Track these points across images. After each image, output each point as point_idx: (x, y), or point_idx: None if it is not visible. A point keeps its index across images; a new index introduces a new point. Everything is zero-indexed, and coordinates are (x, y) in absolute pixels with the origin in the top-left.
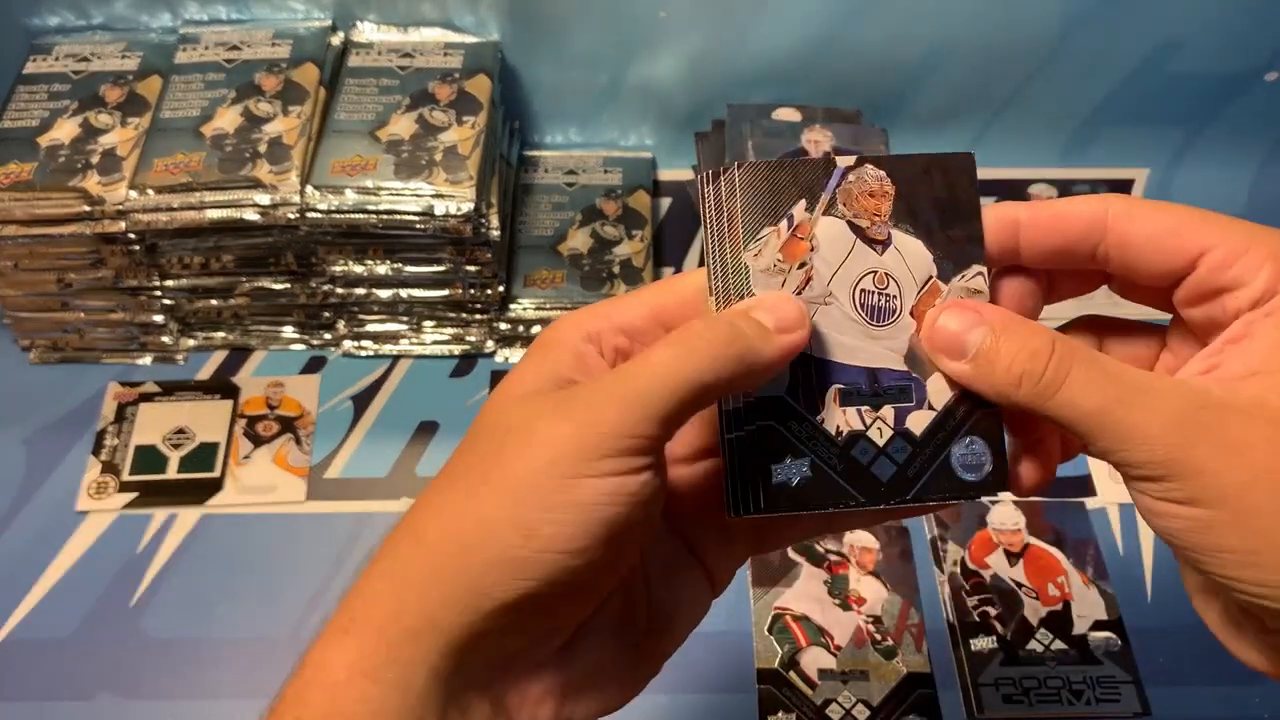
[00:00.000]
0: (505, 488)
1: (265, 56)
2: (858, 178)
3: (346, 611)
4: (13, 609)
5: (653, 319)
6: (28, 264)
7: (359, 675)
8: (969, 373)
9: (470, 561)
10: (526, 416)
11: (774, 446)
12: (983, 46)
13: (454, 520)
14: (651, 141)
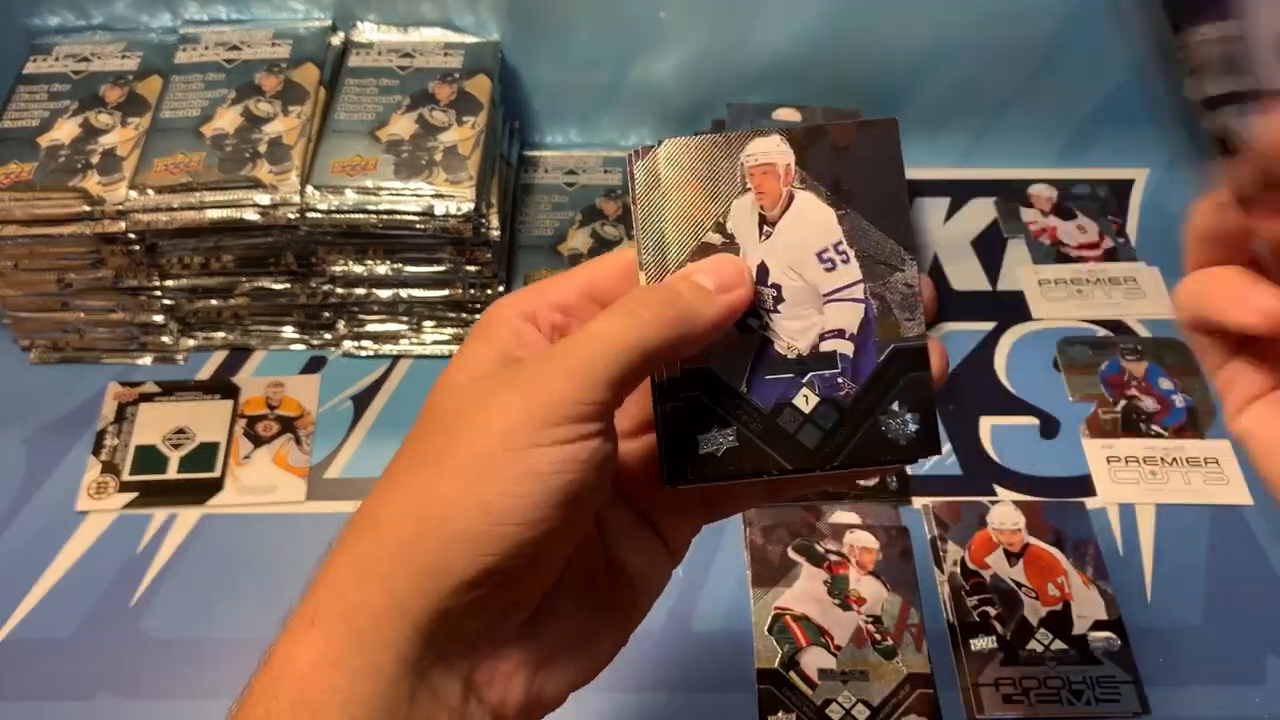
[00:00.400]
0: (459, 465)
1: (265, 56)
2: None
3: (310, 603)
4: (13, 609)
5: (585, 294)
6: (28, 264)
7: (326, 665)
8: None
9: (430, 542)
10: (476, 395)
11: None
12: (983, 46)
13: (411, 503)
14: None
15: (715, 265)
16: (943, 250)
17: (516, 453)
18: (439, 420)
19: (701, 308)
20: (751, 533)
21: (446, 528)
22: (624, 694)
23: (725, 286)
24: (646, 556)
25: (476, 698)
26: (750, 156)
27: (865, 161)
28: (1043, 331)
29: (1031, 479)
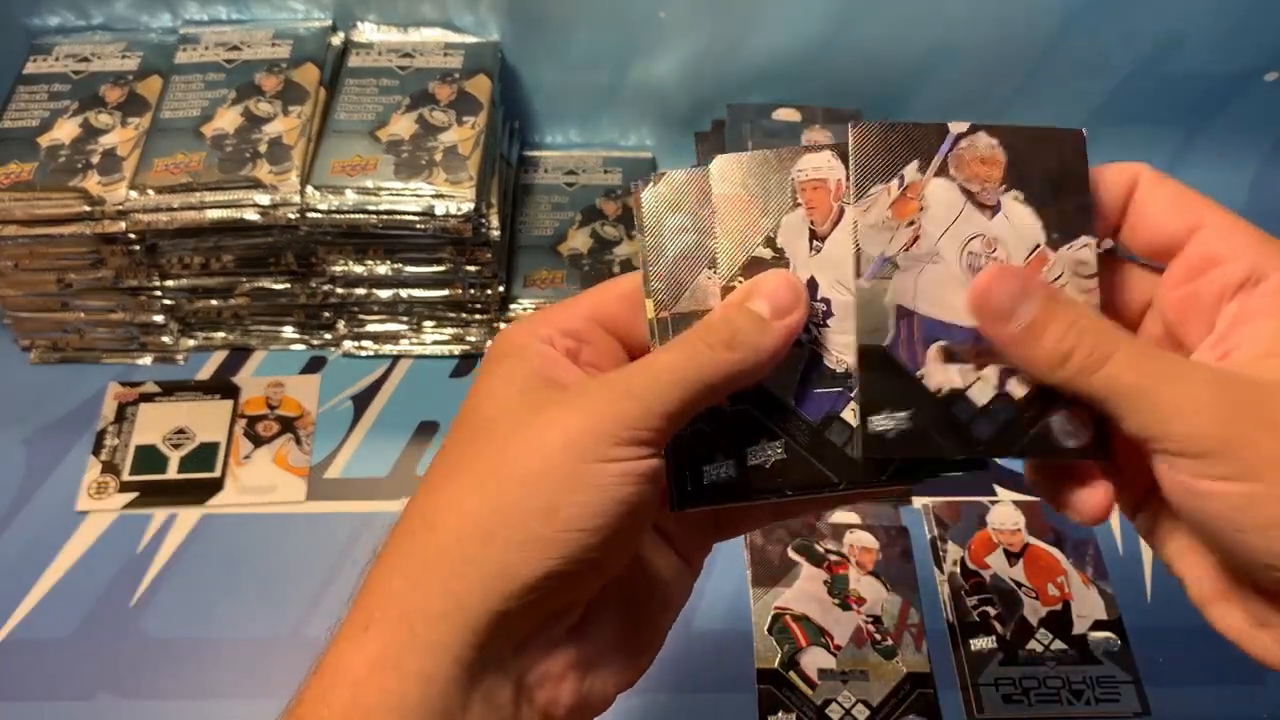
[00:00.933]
0: (522, 473)
1: (265, 57)
2: (970, 144)
3: (363, 610)
4: (13, 609)
5: (592, 320)
6: (28, 264)
7: (380, 668)
8: (1013, 340)
9: (496, 544)
10: (532, 407)
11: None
12: (983, 46)
13: (471, 509)
14: (651, 141)
15: (773, 288)
16: None
17: (579, 464)
18: (491, 429)
19: (760, 340)
20: (751, 533)
21: (513, 531)
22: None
23: (782, 311)
24: (673, 570)
25: (527, 700)
26: (801, 172)
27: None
28: None
29: None
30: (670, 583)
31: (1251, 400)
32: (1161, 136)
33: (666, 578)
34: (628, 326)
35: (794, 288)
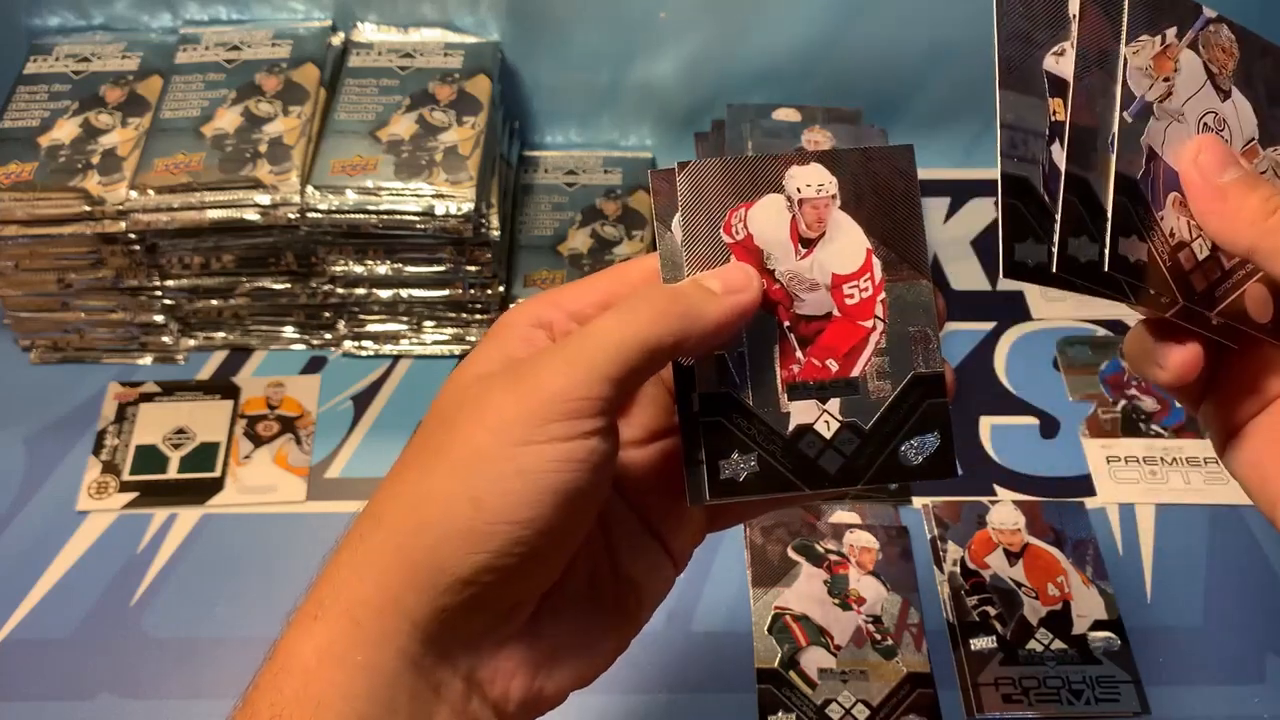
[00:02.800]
0: (454, 461)
1: (265, 57)
2: (1216, 30)
3: (314, 598)
4: (13, 609)
5: (602, 305)
6: (28, 264)
7: (329, 659)
8: (1215, 197)
9: (425, 538)
10: (476, 392)
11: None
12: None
13: (408, 499)
14: (651, 141)
15: (723, 270)
16: (943, 250)
17: (510, 448)
18: (440, 418)
19: (705, 307)
20: (751, 533)
21: (441, 524)
22: (624, 694)
23: (732, 289)
24: (650, 564)
25: (478, 695)
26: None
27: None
28: (1042, 331)
29: (1031, 479)
30: (647, 580)
31: None
32: None
33: (644, 574)
34: None
35: (746, 272)
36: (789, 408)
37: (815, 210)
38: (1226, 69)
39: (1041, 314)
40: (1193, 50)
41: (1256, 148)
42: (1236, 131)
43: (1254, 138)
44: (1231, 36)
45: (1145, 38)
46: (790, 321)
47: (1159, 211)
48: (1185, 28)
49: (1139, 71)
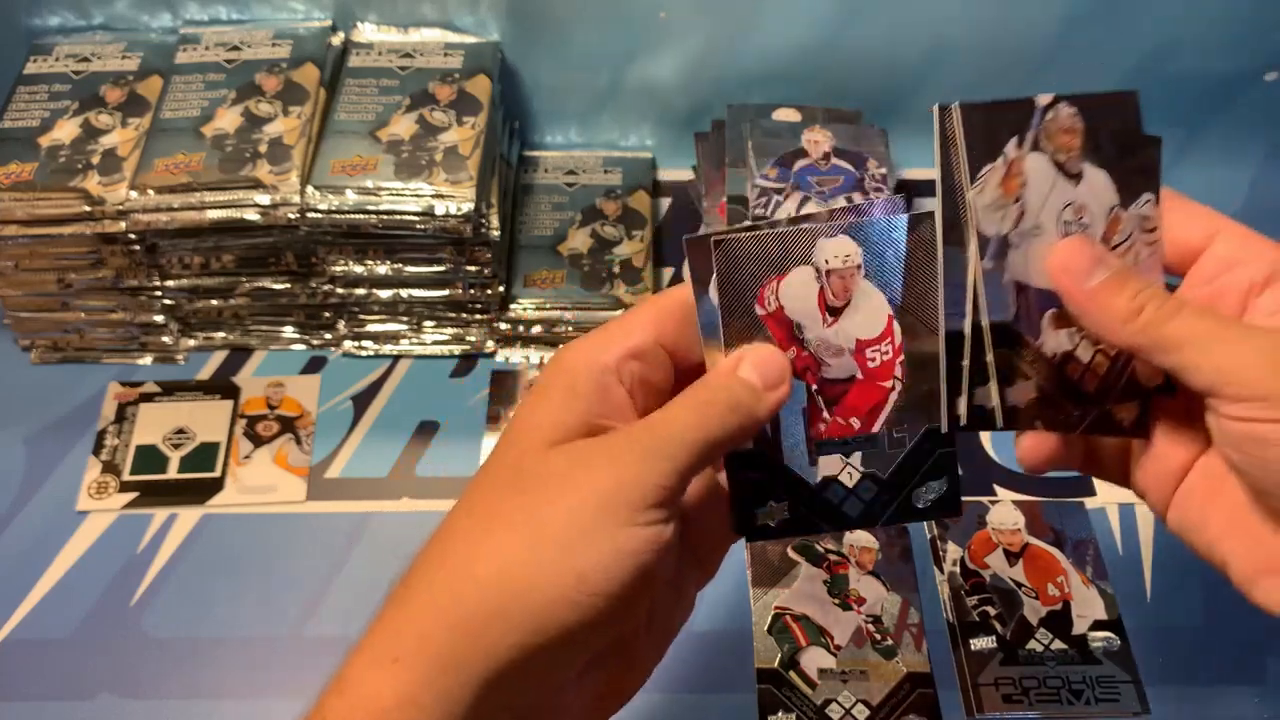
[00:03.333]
0: (559, 535)
1: (265, 57)
2: (1055, 115)
3: (394, 641)
4: (13, 609)
5: (656, 340)
6: (28, 264)
7: (408, 704)
8: (1087, 301)
9: (528, 601)
10: (569, 466)
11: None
12: (982, 46)
13: (511, 562)
14: (651, 142)
15: (762, 363)
16: None
17: (613, 529)
18: (531, 482)
19: (755, 407)
20: None
21: (545, 591)
22: None
23: (771, 385)
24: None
25: None
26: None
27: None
28: None
29: (1031, 479)
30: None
31: None
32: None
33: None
34: (679, 342)
35: (780, 364)
36: (817, 462)
37: (842, 280)
38: (1074, 149)
39: None
40: (1036, 151)
41: (1119, 214)
42: (1098, 211)
43: (1114, 205)
44: (1071, 111)
45: (987, 168)
46: (818, 385)
47: (1038, 339)
48: (1024, 131)
49: (989, 210)
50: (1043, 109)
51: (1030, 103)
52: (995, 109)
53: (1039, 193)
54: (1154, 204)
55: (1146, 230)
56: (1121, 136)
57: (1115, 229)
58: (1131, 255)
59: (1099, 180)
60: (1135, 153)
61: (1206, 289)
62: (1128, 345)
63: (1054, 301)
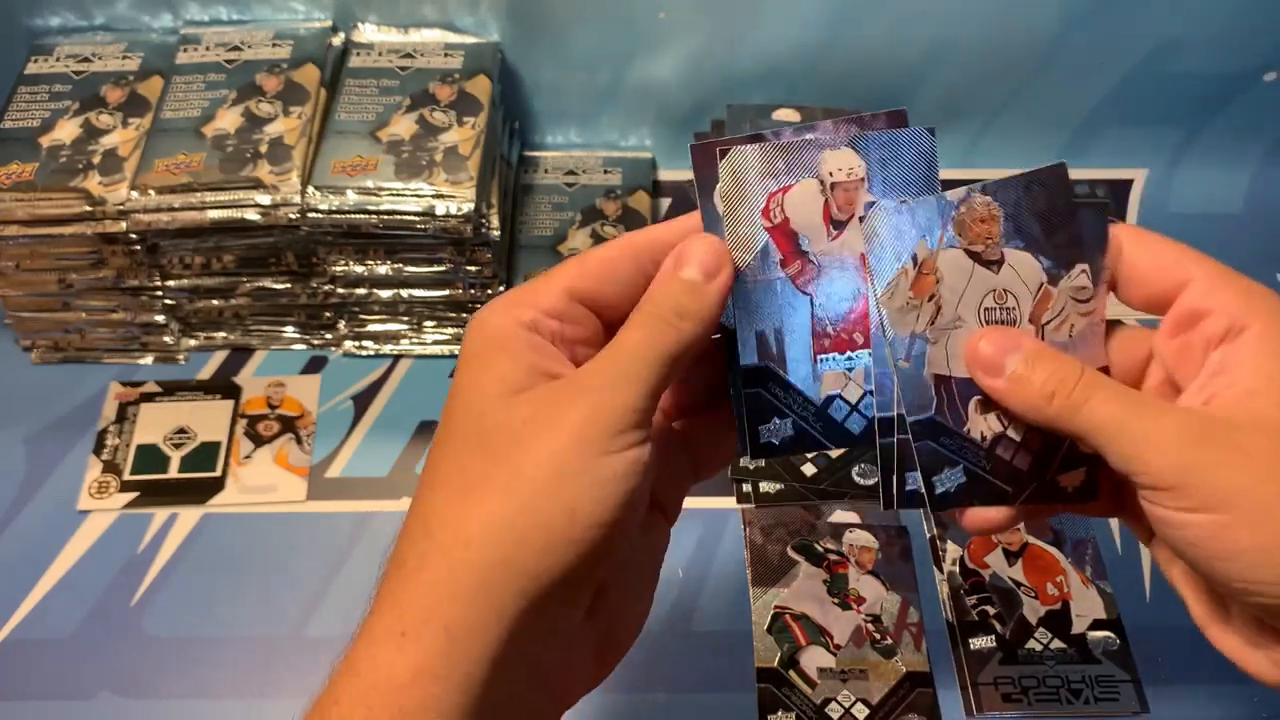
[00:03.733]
0: (542, 477)
1: (266, 57)
2: (968, 207)
3: (399, 616)
4: (14, 609)
5: (570, 299)
6: (29, 264)
7: (424, 676)
8: (1004, 389)
9: (526, 549)
10: (536, 408)
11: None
12: (982, 46)
13: (500, 515)
14: (651, 142)
15: (700, 255)
16: None
17: (593, 460)
18: (501, 434)
19: (701, 305)
20: (751, 532)
21: (540, 536)
22: (624, 694)
23: (712, 273)
24: (650, 522)
25: (539, 686)
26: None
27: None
28: None
29: None
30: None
31: (1218, 436)
32: (1161, 136)
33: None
34: (607, 302)
35: (717, 249)
36: (820, 377)
37: (846, 193)
38: (993, 236)
39: None
40: (950, 246)
41: (1048, 290)
42: (1023, 291)
43: (1042, 282)
44: (986, 199)
45: (895, 271)
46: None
47: (964, 427)
48: (934, 229)
49: (900, 313)
50: (953, 205)
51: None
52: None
53: (956, 285)
54: (1087, 274)
55: (1080, 301)
56: (1048, 213)
57: (1045, 305)
58: (1064, 330)
59: (1023, 259)
60: (1065, 225)
61: (1175, 343)
62: (1049, 427)
63: (978, 388)
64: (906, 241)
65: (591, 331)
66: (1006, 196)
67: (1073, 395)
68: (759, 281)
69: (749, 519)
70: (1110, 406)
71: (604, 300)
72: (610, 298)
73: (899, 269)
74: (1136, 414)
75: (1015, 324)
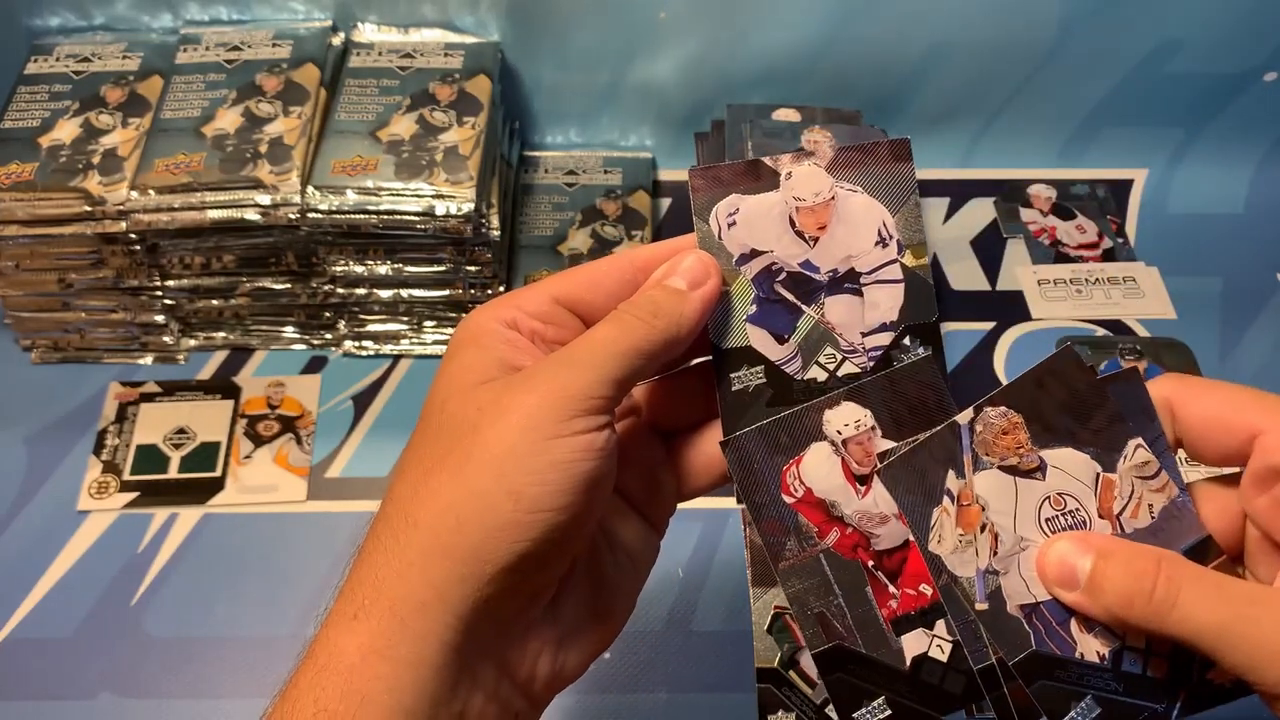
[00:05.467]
0: (488, 460)
1: (266, 57)
2: (984, 425)
3: (351, 600)
4: (14, 609)
5: (556, 302)
6: (29, 264)
7: (372, 655)
8: (1083, 601)
9: (468, 533)
10: (494, 395)
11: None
12: (982, 47)
13: (448, 499)
14: (651, 142)
15: (688, 265)
16: (942, 250)
17: (542, 443)
18: (458, 421)
19: (680, 309)
20: (751, 533)
21: (483, 519)
22: (624, 694)
23: (697, 283)
24: (638, 533)
25: (508, 678)
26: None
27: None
28: (1042, 331)
29: None
30: (637, 549)
31: None
32: (1161, 136)
33: (633, 544)
34: (591, 308)
35: (707, 264)
36: (899, 643)
37: (861, 447)
38: (1023, 445)
39: (1041, 314)
40: (981, 469)
41: (1108, 478)
42: (1079, 488)
43: (1097, 472)
44: (1000, 411)
45: (935, 513)
46: (873, 560)
47: (1075, 651)
48: (956, 457)
49: (956, 555)
50: (966, 426)
51: (953, 427)
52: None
53: (1003, 509)
54: (1145, 448)
55: (1148, 478)
56: (1073, 402)
57: (1110, 495)
58: (1144, 514)
59: (1065, 456)
60: (1098, 407)
61: (1263, 500)
62: (1143, 632)
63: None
64: (933, 479)
65: (573, 334)
66: (1021, 400)
67: (1155, 596)
68: (801, 562)
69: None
70: (1204, 608)
71: (588, 305)
72: (595, 304)
73: (938, 510)
74: (1237, 615)
75: (1086, 525)
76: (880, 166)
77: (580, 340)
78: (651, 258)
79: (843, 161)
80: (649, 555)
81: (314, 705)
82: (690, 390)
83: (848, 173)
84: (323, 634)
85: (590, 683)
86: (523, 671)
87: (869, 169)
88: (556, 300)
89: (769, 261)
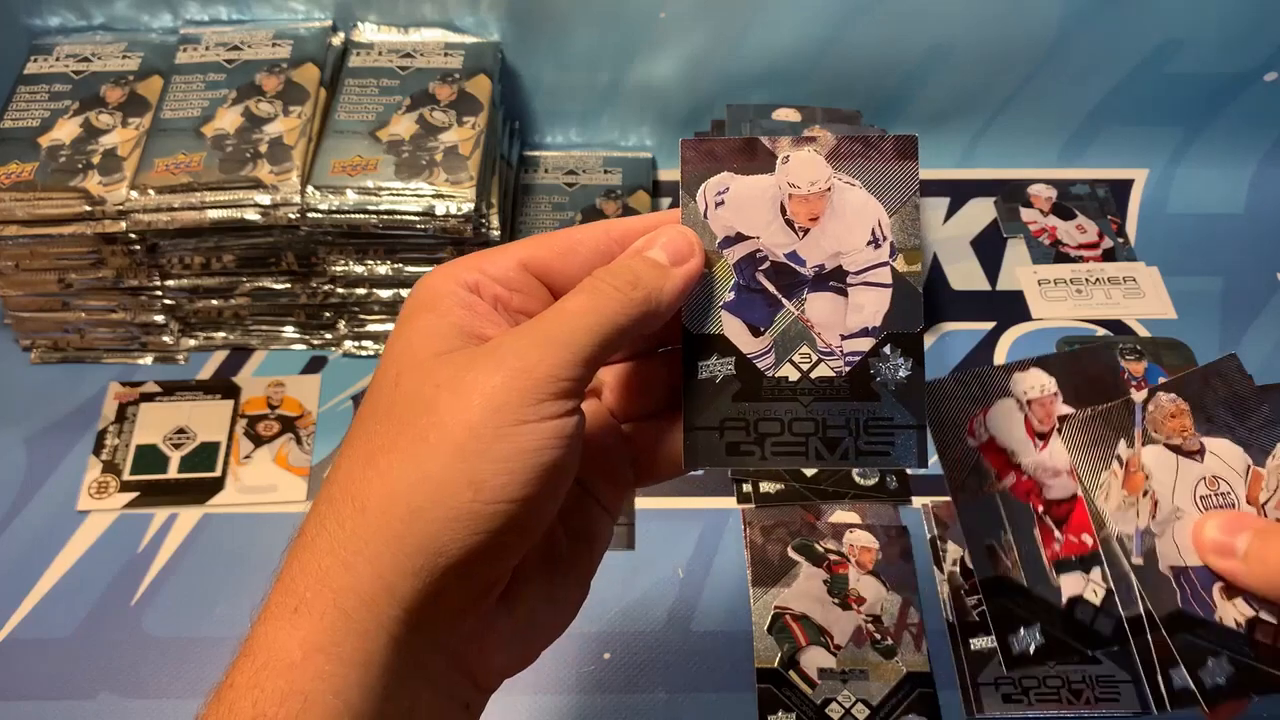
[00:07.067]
0: (447, 444)
1: (266, 57)
2: (1156, 406)
3: (291, 591)
4: (14, 609)
5: (524, 269)
6: (29, 264)
7: (315, 653)
8: (1239, 570)
9: (422, 523)
10: (453, 371)
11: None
12: (982, 47)
13: (398, 483)
14: (651, 141)
15: (669, 239)
16: (942, 250)
17: (507, 429)
18: (413, 398)
19: (662, 284)
20: (751, 532)
21: (439, 508)
22: (624, 694)
23: (679, 259)
24: (591, 517)
25: (459, 669)
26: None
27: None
28: (1042, 331)
29: None
30: (592, 531)
31: None
32: (1161, 136)
33: (588, 529)
34: (562, 277)
35: (689, 239)
36: (1059, 582)
37: (1044, 408)
38: (1187, 429)
39: (1041, 314)
40: (1149, 444)
41: (1257, 471)
42: (1232, 475)
43: (1249, 464)
44: (1171, 396)
45: (1105, 475)
46: (1044, 506)
47: (1215, 615)
48: (1129, 430)
49: (1119, 511)
50: (1142, 405)
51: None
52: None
53: (1165, 481)
54: None
55: None
56: (1233, 400)
57: (1258, 487)
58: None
59: (1223, 445)
60: (1255, 408)
61: None
62: None
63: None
64: (1107, 445)
65: (541, 305)
66: (1190, 391)
67: None
68: (979, 497)
69: (749, 519)
70: None
71: (559, 274)
72: (566, 273)
73: (1107, 472)
74: None
75: (1234, 508)
76: (883, 162)
77: (551, 311)
78: (630, 229)
79: (844, 152)
80: (604, 539)
81: (253, 708)
82: (653, 377)
83: (848, 164)
84: (261, 628)
85: (590, 683)
86: (475, 662)
87: (871, 163)
88: (525, 266)
89: (754, 248)
